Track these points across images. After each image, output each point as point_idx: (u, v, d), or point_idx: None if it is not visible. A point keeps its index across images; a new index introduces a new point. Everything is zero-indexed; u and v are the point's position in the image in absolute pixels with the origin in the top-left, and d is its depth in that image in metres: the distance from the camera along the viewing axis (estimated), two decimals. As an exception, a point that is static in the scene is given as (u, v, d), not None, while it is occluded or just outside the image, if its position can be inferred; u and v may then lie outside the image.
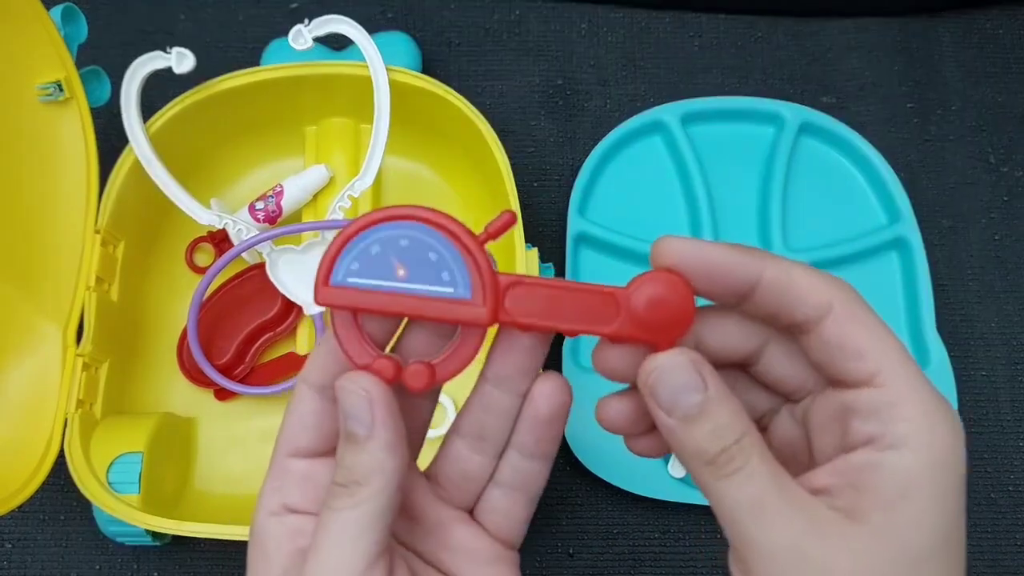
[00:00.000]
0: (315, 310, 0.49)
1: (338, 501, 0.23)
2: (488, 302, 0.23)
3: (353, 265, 0.24)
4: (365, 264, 0.24)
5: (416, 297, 0.23)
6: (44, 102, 0.46)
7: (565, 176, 0.57)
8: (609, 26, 0.62)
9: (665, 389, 0.22)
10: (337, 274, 0.24)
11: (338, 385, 0.23)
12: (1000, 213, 0.58)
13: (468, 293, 0.23)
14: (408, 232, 0.23)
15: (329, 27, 0.47)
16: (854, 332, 0.21)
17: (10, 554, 0.50)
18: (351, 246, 0.24)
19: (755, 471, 0.21)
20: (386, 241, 0.24)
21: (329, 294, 0.24)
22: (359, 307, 0.24)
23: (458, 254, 0.23)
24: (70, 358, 0.45)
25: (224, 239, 0.51)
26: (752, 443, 0.22)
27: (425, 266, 0.23)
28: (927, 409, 0.21)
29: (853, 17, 0.62)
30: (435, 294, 0.23)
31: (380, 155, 0.48)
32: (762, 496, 0.21)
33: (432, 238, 0.23)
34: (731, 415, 0.22)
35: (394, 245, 0.23)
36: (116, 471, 0.43)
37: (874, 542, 0.20)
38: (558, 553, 0.50)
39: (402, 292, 0.23)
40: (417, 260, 0.23)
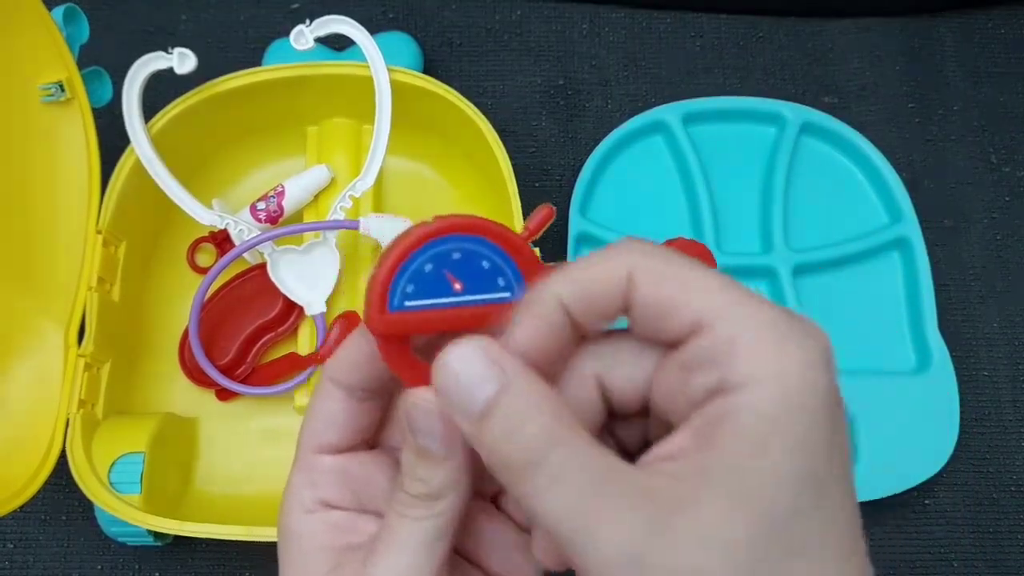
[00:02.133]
0: (316, 310, 0.49)
1: (413, 511, 0.22)
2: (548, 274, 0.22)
3: (408, 288, 0.22)
4: (420, 284, 0.22)
5: (476, 308, 0.23)
6: (46, 102, 0.46)
7: (566, 176, 0.57)
8: (610, 26, 0.62)
9: (453, 387, 0.20)
10: (393, 300, 0.22)
11: (407, 402, 0.22)
12: (1002, 213, 0.58)
13: (523, 291, 0.23)
14: (457, 245, 0.23)
15: (330, 27, 0.47)
16: (659, 290, 0.19)
17: (12, 554, 0.50)
18: (403, 271, 0.22)
19: (567, 468, 0.18)
20: (437, 258, 0.23)
21: (388, 322, 0.22)
22: (424, 330, 0.22)
23: (509, 257, 0.23)
24: (72, 358, 0.45)
25: (225, 239, 0.51)
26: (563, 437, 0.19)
27: (480, 276, 0.23)
28: (767, 338, 0.18)
29: (854, 17, 0.62)
30: (495, 301, 0.23)
31: (381, 155, 0.48)
32: (580, 499, 0.18)
33: (481, 246, 0.23)
34: (534, 403, 0.19)
35: (447, 260, 0.23)
36: (118, 471, 0.43)
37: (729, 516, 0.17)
38: (559, 553, 0.50)
39: (462, 306, 0.23)
40: (472, 271, 0.23)
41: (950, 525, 0.51)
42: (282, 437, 0.50)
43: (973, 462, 0.52)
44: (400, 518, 0.22)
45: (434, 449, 0.21)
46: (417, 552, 0.22)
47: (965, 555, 0.50)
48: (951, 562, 0.50)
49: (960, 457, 0.51)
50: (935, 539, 0.51)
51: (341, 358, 0.24)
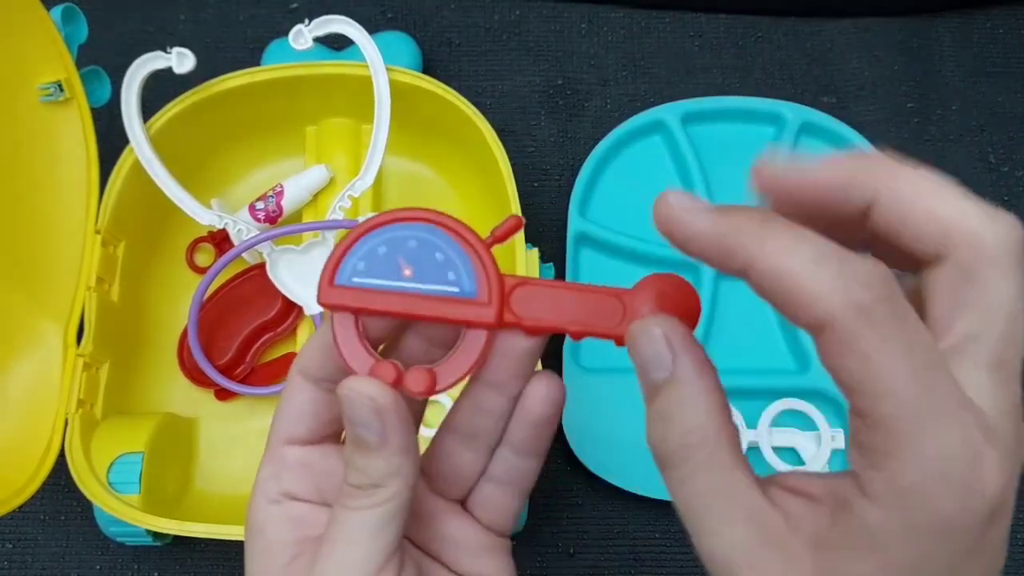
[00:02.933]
0: (315, 310, 0.49)
1: (355, 501, 0.23)
2: (494, 302, 0.23)
3: (359, 265, 0.23)
4: (371, 264, 0.23)
5: (422, 297, 0.23)
6: (44, 102, 0.46)
7: (565, 176, 0.57)
8: (609, 26, 0.62)
9: (638, 355, 0.21)
10: (342, 274, 0.23)
11: (341, 392, 0.22)
12: (1000, 213, 0.58)
13: (474, 292, 0.23)
14: (415, 233, 0.23)
15: (329, 27, 0.47)
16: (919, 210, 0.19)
17: (11, 554, 0.50)
18: (357, 247, 0.23)
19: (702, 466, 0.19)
20: (393, 242, 0.23)
21: (333, 294, 0.23)
22: (364, 307, 0.23)
23: (465, 254, 0.23)
24: (71, 358, 0.45)
25: (225, 239, 0.51)
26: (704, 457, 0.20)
27: (432, 266, 0.23)
28: None
29: (853, 17, 0.62)
30: (441, 293, 0.23)
31: (380, 155, 0.48)
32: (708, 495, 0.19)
33: (439, 239, 0.23)
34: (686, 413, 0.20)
35: (401, 246, 0.23)
36: (117, 471, 0.43)
37: None
38: (558, 552, 0.50)
39: (408, 292, 0.23)
40: (424, 260, 0.23)
41: (949, 525, 0.51)
42: (281, 437, 0.50)
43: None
44: (344, 510, 0.23)
45: (368, 438, 0.22)
46: (363, 543, 0.22)
47: (964, 554, 0.50)
48: (950, 561, 0.50)
49: (959, 457, 0.52)
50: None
51: (309, 351, 0.24)
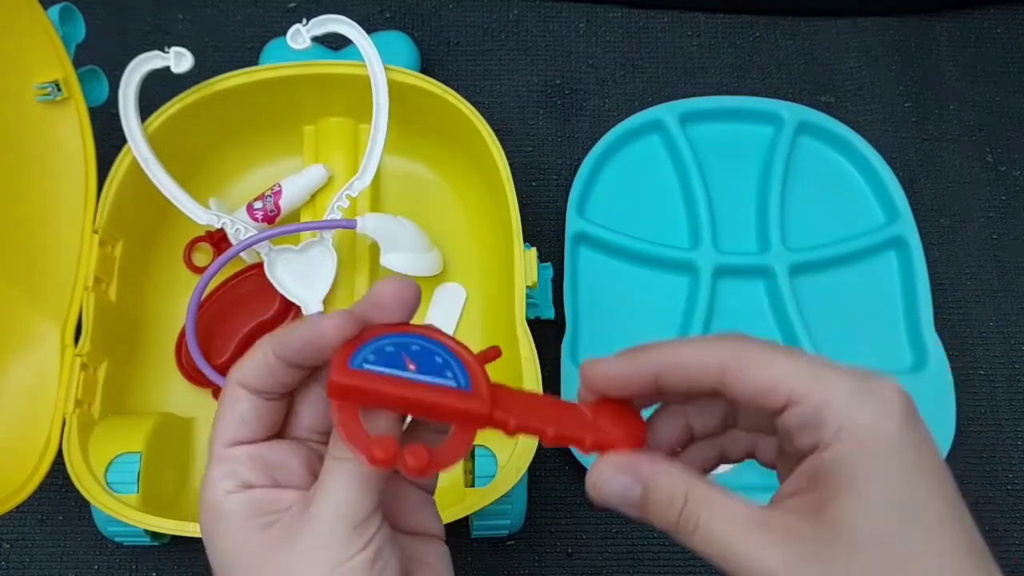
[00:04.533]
0: (314, 309, 0.49)
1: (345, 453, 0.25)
2: (487, 398, 0.26)
3: (369, 356, 0.26)
4: (380, 357, 0.26)
5: (426, 385, 0.26)
6: (42, 102, 0.46)
7: (564, 175, 0.57)
8: (607, 25, 0.62)
9: (612, 496, 0.26)
10: (355, 360, 0.25)
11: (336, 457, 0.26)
12: (998, 212, 0.58)
13: (469, 388, 0.26)
14: (416, 340, 0.27)
15: (327, 27, 0.47)
16: (752, 376, 0.24)
17: (8, 554, 0.50)
18: (366, 345, 0.26)
19: (716, 525, 0.24)
20: (399, 344, 0.26)
21: (348, 375, 0.25)
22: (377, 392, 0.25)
23: (459, 360, 0.27)
24: (68, 358, 0.45)
25: (222, 239, 0.51)
26: (699, 507, 0.24)
27: (432, 365, 0.26)
28: (845, 400, 0.23)
29: (851, 17, 0.62)
30: (441, 384, 0.26)
31: (379, 155, 0.48)
32: (734, 541, 0.24)
33: (437, 347, 0.27)
34: (670, 490, 0.25)
35: (406, 347, 0.26)
36: (115, 471, 0.43)
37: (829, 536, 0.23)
38: (557, 552, 0.50)
39: (412, 380, 0.26)
40: (426, 359, 0.26)
41: (946, 524, 0.51)
42: (279, 437, 0.50)
43: (969, 461, 0.52)
44: (337, 462, 0.25)
45: None
46: (355, 487, 0.25)
47: (961, 554, 0.51)
48: (947, 561, 0.50)
49: (956, 456, 0.52)
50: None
51: (251, 367, 0.27)
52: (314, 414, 0.28)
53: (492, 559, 0.50)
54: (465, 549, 0.50)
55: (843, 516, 0.23)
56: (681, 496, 0.25)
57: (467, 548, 0.50)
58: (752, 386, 0.24)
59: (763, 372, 0.24)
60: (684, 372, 0.25)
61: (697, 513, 0.25)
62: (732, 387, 0.25)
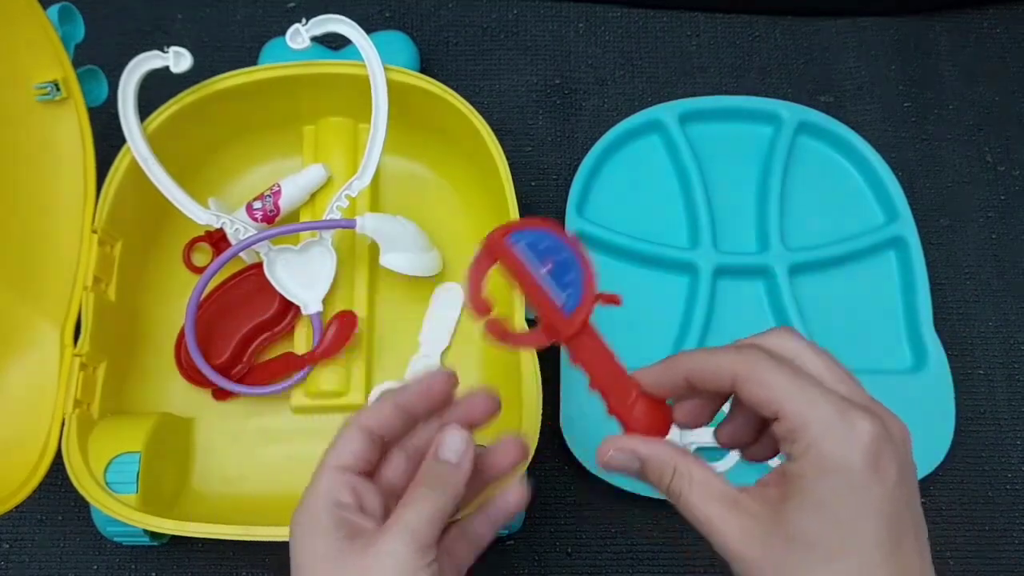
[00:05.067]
0: (313, 309, 0.49)
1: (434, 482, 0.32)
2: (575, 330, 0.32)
3: (526, 239, 0.32)
4: (532, 246, 0.32)
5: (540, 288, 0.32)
6: (41, 102, 0.46)
7: (563, 175, 0.57)
8: (607, 25, 0.62)
9: (617, 467, 0.32)
10: (515, 236, 0.32)
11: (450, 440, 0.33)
12: (997, 212, 0.58)
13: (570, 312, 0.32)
14: (566, 252, 0.32)
15: (327, 27, 0.47)
16: (752, 390, 0.29)
17: (8, 554, 0.50)
18: (532, 231, 0.32)
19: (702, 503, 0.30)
20: (552, 247, 0.32)
21: (502, 240, 0.32)
22: (510, 266, 0.32)
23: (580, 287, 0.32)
24: (67, 358, 0.45)
25: (222, 239, 0.51)
26: (682, 481, 0.31)
27: (562, 277, 0.32)
28: (820, 428, 0.28)
29: (851, 17, 0.62)
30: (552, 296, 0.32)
31: (378, 155, 0.48)
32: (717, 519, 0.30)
33: (575, 268, 0.32)
34: (661, 468, 0.31)
35: (556, 252, 0.32)
36: (114, 471, 0.43)
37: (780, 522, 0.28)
38: (556, 552, 0.50)
39: (537, 278, 0.32)
40: (560, 270, 0.32)
41: (946, 523, 0.51)
42: (278, 437, 0.50)
43: (969, 460, 0.52)
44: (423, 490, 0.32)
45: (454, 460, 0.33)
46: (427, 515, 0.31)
47: (961, 553, 0.51)
48: (946, 560, 0.50)
49: (956, 455, 0.52)
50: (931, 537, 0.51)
51: (371, 410, 0.33)
52: (394, 474, 0.34)
53: (492, 559, 0.50)
54: (465, 549, 0.50)
55: (792, 516, 0.28)
56: (670, 470, 0.31)
57: (467, 548, 0.50)
58: (751, 397, 0.29)
59: (759, 389, 0.29)
60: (706, 377, 0.30)
61: (680, 485, 0.31)
62: (739, 394, 0.30)
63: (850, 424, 0.27)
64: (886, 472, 0.27)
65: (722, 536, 0.29)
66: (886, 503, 0.27)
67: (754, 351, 0.29)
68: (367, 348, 0.50)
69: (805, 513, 0.28)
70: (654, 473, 0.31)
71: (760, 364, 0.29)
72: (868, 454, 0.27)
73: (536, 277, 0.32)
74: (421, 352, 0.51)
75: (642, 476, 0.32)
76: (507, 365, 0.46)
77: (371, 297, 0.51)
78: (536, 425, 0.43)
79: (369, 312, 0.51)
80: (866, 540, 0.27)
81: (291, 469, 0.49)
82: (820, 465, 0.27)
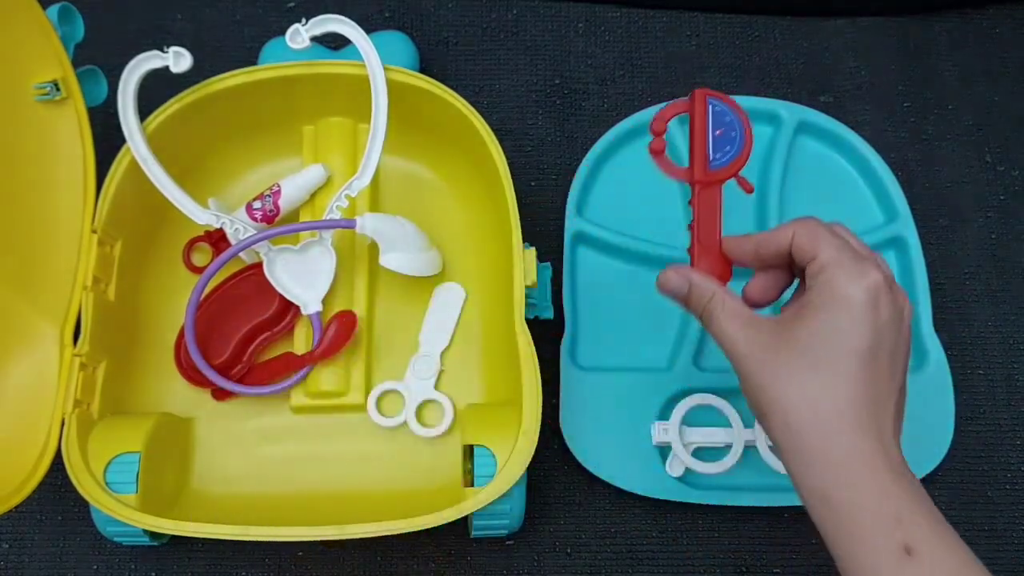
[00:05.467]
0: (313, 309, 0.49)
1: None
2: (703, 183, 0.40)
3: (716, 105, 0.40)
4: (715, 110, 0.40)
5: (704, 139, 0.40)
6: (41, 101, 0.46)
7: (563, 175, 0.57)
8: (606, 25, 0.62)
9: (670, 288, 0.40)
10: (711, 99, 0.40)
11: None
12: (997, 212, 0.58)
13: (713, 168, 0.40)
14: (737, 127, 0.40)
15: (326, 26, 0.47)
16: (803, 240, 0.36)
17: (7, 554, 0.50)
18: (723, 104, 0.40)
19: (723, 320, 0.37)
20: (731, 123, 0.40)
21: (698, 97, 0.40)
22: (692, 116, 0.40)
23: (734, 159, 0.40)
24: (67, 358, 0.45)
25: (222, 239, 0.51)
26: (719, 308, 0.38)
27: (725, 144, 0.40)
28: (838, 270, 0.35)
29: (850, 17, 0.62)
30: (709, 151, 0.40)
31: (378, 154, 0.48)
32: (731, 332, 0.37)
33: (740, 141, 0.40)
34: (701, 295, 0.38)
35: (732, 127, 0.40)
36: (114, 471, 0.43)
37: (782, 334, 0.35)
38: (556, 552, 0.50)
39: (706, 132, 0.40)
40: (726, 138, 0.40)
41: (945, 523, 0.51)
42: (278, 437, 0.50)
43: (968, 460, 0.52)
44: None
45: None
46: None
47: (960, 553, 0.51)
48: (946, 560, 0.50)
49: (955, 455, 0.52)
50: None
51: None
52: None
53: (492, 559, 0.50)
54: (464, 549, 0.50)
55: (793, 329, 0.35)
56: (709, 295, 0.38)
57: (466, 548, 0.50)
58: (801, 245, 0.36)
59: (807, 239, 0.36)
60: (771, 240, 0.38)
61: (713, 306, 0.38)
62: (793, 245, 0.37)
63: (862, 270, 0.34)
64: (881, 312, 0.34)
65: (732, 342, 0.36)
66: (874, 333, 0.34)
67: (809, 218, 0.37)
68: (367, 348, 0.50)
69: (804, 327, 0.34)
70: (696, 297, 0.39)
71: (811, 222, 0.37)
72: (869, 293, 0.34)
73: (707, 132, 0.40)
74: (421, 352, 0.51)
75: (686, 299, 0.39)
76: (507, 365, 0.46)
77: (371, 297, 0.51)
78: (536, 425, 0.43)
79: (369, 312, 0.51)
80: (849, 357, 0.33)
81: (291, 469, 0.49)
82: (829, 294, 0.34)
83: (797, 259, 0.37)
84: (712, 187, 0.40)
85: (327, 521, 0.42)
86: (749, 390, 0.36)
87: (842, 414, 0.33)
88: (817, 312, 0.34)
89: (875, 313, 0.34)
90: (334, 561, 0.50)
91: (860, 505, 0.32)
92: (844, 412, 0.33)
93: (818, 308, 0.34)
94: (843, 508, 0.32)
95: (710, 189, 0.40)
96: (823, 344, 0.34)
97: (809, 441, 0.33)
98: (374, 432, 0.49)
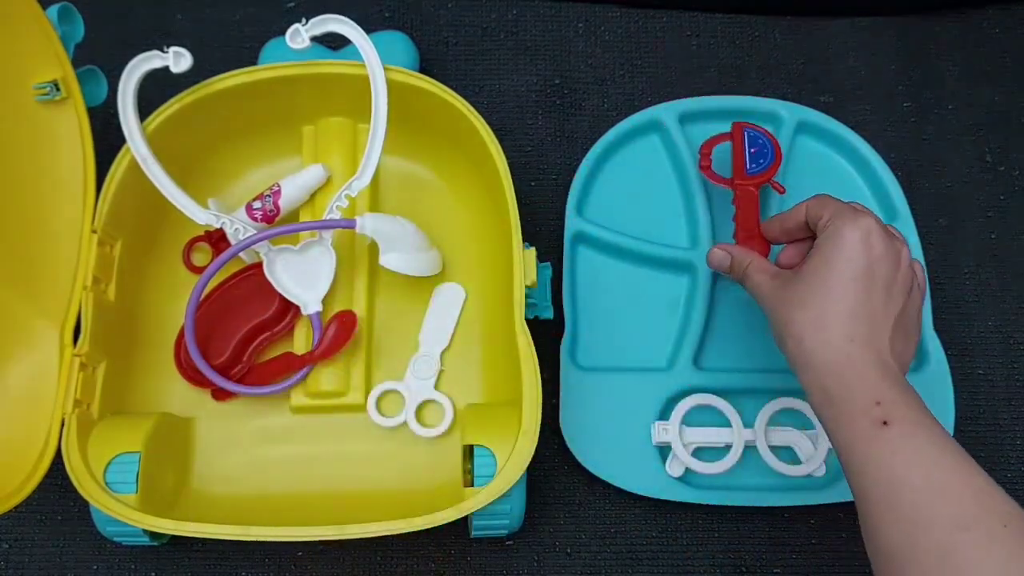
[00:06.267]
0: (313, 309, 0.49)
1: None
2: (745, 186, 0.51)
3: (750, 133, 0.52)
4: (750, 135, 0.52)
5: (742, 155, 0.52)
6: (41, 101, 0.46)
7: (562, 175, 0.57)
8: (606, 25, 0.62)
9: (715, 262, 0.49)
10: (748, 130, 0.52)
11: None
12: (997, 212, 0.58)
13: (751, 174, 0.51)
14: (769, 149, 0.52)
15: (326, 26, 0.47)
16: (815, 209, 0.44)
17: (7, 554, 0.50)
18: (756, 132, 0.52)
19: (755, 276, 0.46)
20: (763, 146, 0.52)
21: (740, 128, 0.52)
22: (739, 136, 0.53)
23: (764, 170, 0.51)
24: (67, 358, 0.45)
25: (222, 239, 0.51)
26: (753, 268, 0.46)
27: (759, 159, 0.51)
28: (841, 223, 0.41)
29: (851, 17, 0.62)
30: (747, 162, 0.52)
31: (378, 155, 0.48)
32: (760, 283, 0.45)
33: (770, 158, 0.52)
34: (740, 262, 0.47)
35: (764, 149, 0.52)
36: (114, 471, 0.43)
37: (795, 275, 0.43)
38: (556, 551, 0.50)
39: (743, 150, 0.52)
40: (758, 156, 0.52)
41: (945, 523, 0.51)
42: (278, 437, 0.50)
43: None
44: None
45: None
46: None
47: (960, 553, 0.51)
48: (946, 560, 0.50)
49: (955, 455, 0.52)
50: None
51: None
52: None
53: (492, 559, 0.50)
54: (464, 549, 0.50)
55: (803, 268, 0.42)
56: (746, 262, 0.47)
57: (466, 548, 0.50)
58: (815, 214, 0.44)
59: (820, 208, 0.43)
60: (792, 216, 0.45)
61: (747, 270, 0.47)
62: (808, 215, 0.44)
63: (856, 216, 0.41)
64: (873, 247, 0.41)
65: (760, 288, 0.45)
66: (866, 263, 0.40)
67: (822, 194, 0.45)
68: (367, 348, 0.50)
69: (810, 264, 0.42)
70: (736, 264, 0.47)
71: (822, 195, 0.44)
72: (861, 231, 0.41)
73: (743, 150, 0.51)
74: (421, 352, 0.51)
75: (730, 269, 0.48)
76: (507, 365, 0.46)
77: (371, 297, 0.51)
78: (536, 425, 0.43)
79: (369, 312, 0.51)
80: (844, 282, 0.40)
81: (291, 469, 0.49)
82: (827, 237, 0.42)
83: (811, 224, 0.44)
84: (748, 189, 0.51)
85: (327, 521, 0.42)
86: (773, 324, 0.43)
87: (841, 327, 0.40)
88: (819, 250, 0.42)
89: (866, 246, 0.41)
90: (334, 561, 0.50)
91: (850, 398, 0.38)
92: (843, 325, 0.40)
93: (819, 247, 0.42)
94: (838, 400, 0.39)
95: (747, 190, 0.51)
96: (823, 273, 0.41)
97: (814, 350, 0.40)
98: (374, 432, 0.49)
